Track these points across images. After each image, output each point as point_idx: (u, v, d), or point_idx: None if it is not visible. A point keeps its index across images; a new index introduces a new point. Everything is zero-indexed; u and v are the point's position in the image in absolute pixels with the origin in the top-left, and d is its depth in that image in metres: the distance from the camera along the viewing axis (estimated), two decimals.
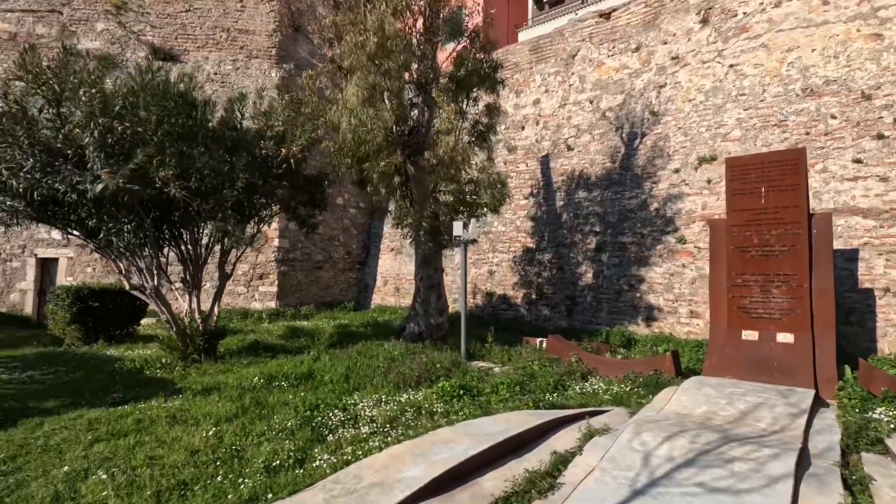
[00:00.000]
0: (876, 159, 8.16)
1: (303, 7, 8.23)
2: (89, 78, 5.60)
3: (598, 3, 17.75)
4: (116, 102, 5.69)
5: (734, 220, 6.90)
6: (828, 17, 9.18)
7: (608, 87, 12.10)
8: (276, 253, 13.71)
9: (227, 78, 14.27)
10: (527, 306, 12.19)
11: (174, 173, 5.51)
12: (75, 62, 5.78)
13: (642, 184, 10.89)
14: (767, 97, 9.53)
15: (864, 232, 8.05)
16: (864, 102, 8.46)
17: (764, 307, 6.54)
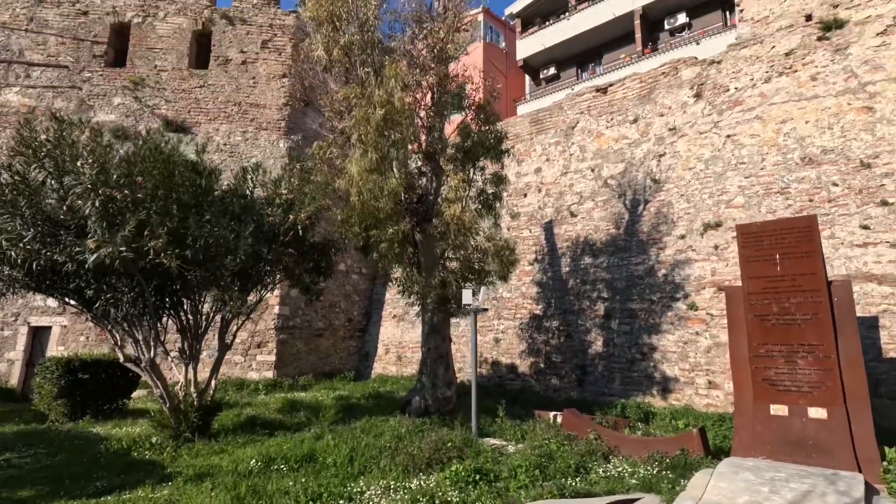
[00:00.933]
0: (884, 226, 8.15)
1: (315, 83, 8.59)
2: (87, 148, 5.63)
3: (592, 78, 18.74)
4: (116, 172, 5.67)
5: (750, 287, 6.73)
6: (817, 91, 9.57)
7: (608, 156, 12.40)
8: (276, 320, 13.39)
9: (235, 148, 14.66)
10: (535, 376, 11.72)
11: (166, 241, 5.41)
12: (70, 133, 5.84)
13: (648, 250, 10.85)
14: (767, 165, 9.72)
15: (882, 299, 7.87)
16: (864, 171, 8.60)
17: (791, 379, 6.21)
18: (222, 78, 15.23)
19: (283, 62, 15.37)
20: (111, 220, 5.54)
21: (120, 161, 5.58)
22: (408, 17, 7.98)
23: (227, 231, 5.92)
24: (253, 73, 15.33)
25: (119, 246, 5.13)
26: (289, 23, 15.66)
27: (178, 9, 15.57)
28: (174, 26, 15.45)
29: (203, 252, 5.90)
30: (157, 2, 15.64)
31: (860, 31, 9.34)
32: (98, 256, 5.18)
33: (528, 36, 21.84)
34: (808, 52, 9.87)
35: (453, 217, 6.93)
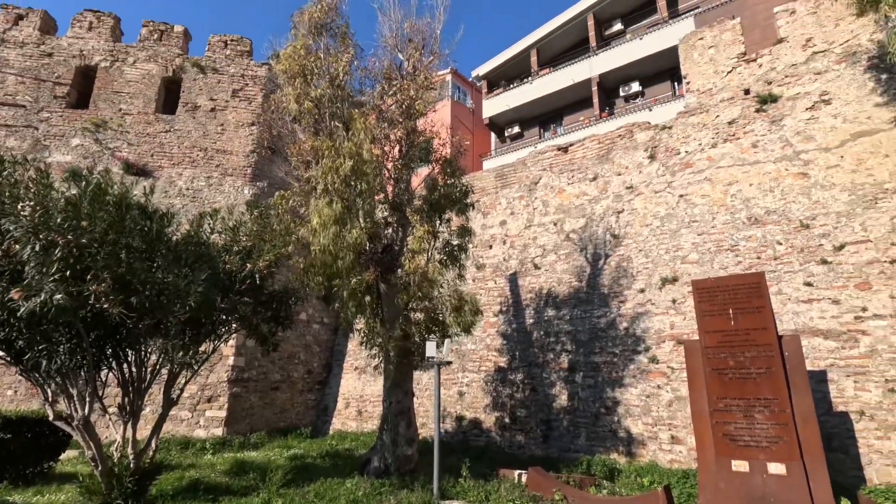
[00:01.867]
0: (825, 283, 8.64)
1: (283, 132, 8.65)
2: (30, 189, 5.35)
3: (554, 138, 19.71)
4: (60, 215, 5.38)
5: (707, 341, 6.90)
6: (758, 157, 10.34)
7: (570, 212, 12.84)
8: (229, 372, 12.69)
9: (198, 193, 14.39)
10: (500, 431, 11.41)
11: (111, 287, 5.11)
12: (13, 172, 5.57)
13: (610, 303, 11.06)
14: (717, 224, 10.27)
15: (828, 353, 8.20)
16: (804, 231, 9.19)
17: (750, 434, 6.27)
18: (189, 123, 15.16)
19: (253, 111, 15.49)
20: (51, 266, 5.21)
21: (66, 203, 5.32)
22: (378, 74, 8.27)
23: (179, 278, 5.66)
24: (221, 120, 15.35)
25: (53, 293, 4.79)
26: (261, 74, 15.94)
27: (149, 56, 15.64)
28: (143, 72, 15.45)
29: (150, 299, 5.59)
30: (127, 48, 15.69)
31: (792, 106, 10.27)
32: (29, 305, 4.82)
33: (494, 96, 22.96)
34: (748, 122, 10.74)
35: (417, 268, 6.91)
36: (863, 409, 7.59)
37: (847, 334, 8.11)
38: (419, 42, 8.33)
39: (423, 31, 8.36)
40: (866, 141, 9.16)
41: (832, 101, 9.83)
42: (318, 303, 15.39)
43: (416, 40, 8.40)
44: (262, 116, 14.85)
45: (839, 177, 9.21)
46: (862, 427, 7.54)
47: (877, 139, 9.05)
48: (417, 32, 8.40)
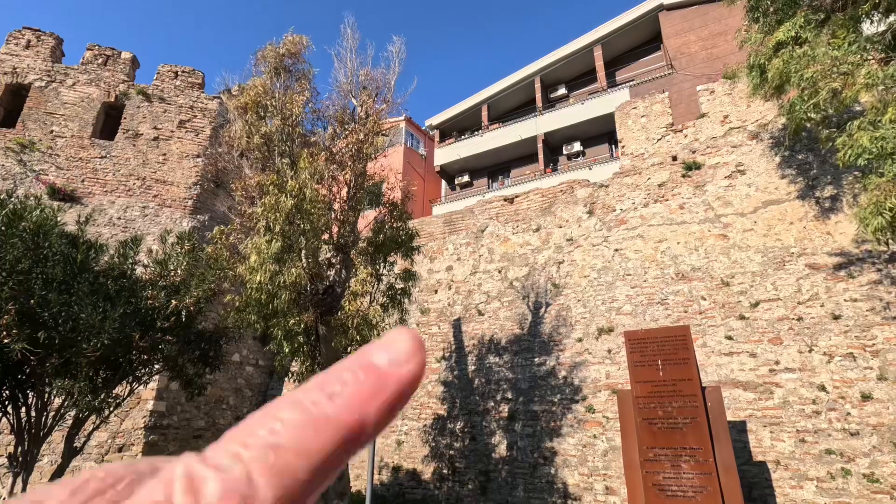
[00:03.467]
0: (743, 337, 9.27)
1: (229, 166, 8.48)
2: None
3: (501, 188, 20.49)
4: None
5: (638, 391, 7.15)
6: (685, 218, 11.21)
7: (514, 260, 13.20)
8: (147, 418, 11.64)
9: (131, 223, 13.63)
10: (438, 483, 11.05)
11: (15, 320, 4.69)
12: None
13: (550, 351, 11.28)
14: (649, 278, 10.89)
15: (747, 404, 8.70)
16: (724, 288, 9.92)
17: (677, 484, 6.45)
18: (129, 151, 14.53)
19: (200, 143, 15.11)
20: None
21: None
22: (331, 117, 8.38)
23: (95, 312, 5.26)
24: (165, 149, 14.83)
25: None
26: (211, 107, 15.70)
27: (91, 79, 15.06)
28: (82, 95, 14.81)
29: (61, 335, 5.14)
30: (68, 69, 15.06)
31: (713, 173, 11.32)
32: None
33: (446, 146, 23.74)
34: (675, 185, 11.69)
35: (358, 311, 6.80)
36: (778, 459, 8.02)
37: (763, 386, 8.67)
38: (373, 90, 8.58)
39: (377, 80, 8.64)
40: (775, 209, 10.18)
41: (746, 172, 10.93)
42: (253, 343, 14.65)
43: (370, 88, 8.65)
44: (209, 149, 14.52)
45: (753, 240, 10.12)
46: (778, 476, 7.95)
47: (783, 208, 10.09)
48: (372, 81, 8.67)
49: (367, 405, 0.25)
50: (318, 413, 0.24)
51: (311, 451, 0.23)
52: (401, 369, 0.26)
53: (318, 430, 0.24)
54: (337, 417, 0.24)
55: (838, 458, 7.65)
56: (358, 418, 0.24)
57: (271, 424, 0.24)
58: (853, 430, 7.72)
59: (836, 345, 8.43)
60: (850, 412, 7.86)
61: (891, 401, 7.66)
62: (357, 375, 0.26)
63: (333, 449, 0.24)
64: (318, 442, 0.23)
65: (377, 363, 0.26)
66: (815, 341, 8.61)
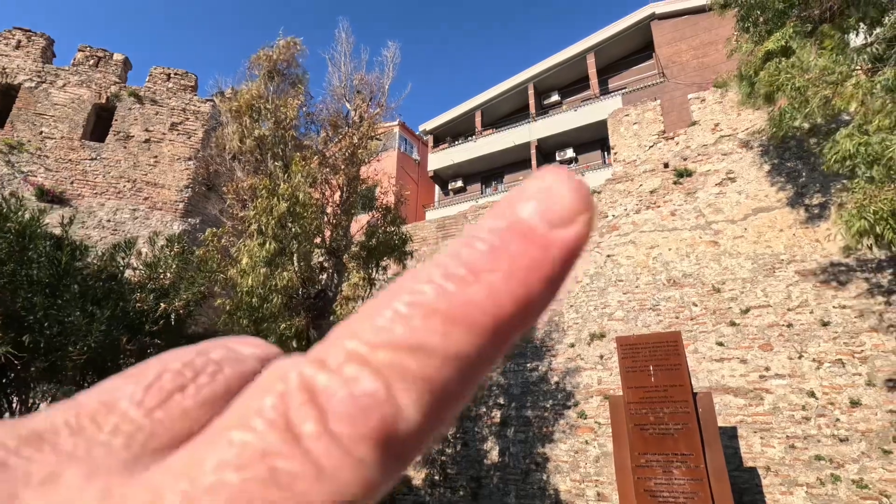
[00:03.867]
0: (734, 343, 9.33)
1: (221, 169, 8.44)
2: None
3: (495, 194, 20.54)
4: None
5: (630, 397, 7.16)
6: (676, 224, 11.29)
7: None
8: None
9: (121, 226, 13.49)
10: (429, 489, 10.98)
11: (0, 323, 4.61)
12: None
13: (542, 356, 11.27)
14: (641, 284, 10.94)
15: (738, 410, 8.74)
16: (716, 294, 9.99)
17: (668, 490, 6.45)
18: (119, 153, 14.41)
19: (192, 146, 15.02)
20: None
21: None
22: (324, 121, 8.38)
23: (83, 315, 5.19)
24: (156, 152, 14.72)
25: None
26: (204, 110, 15.62)
27: (82, 80, 14.95)
28: (73, 96, 14.69)
29: (47, 339, 5.06)
30: (58, 70, 14.94)
31: (704, 181, 11.43)
32: None
33: (439, 151, 23.80)
34: (667, 192, 11.78)
35: (350, 315, 6.75)
36: (768, 465, 8.06)
37: (753, 392, 8.72)
38: (367, 94, 8.59)
39: (371, 85, 8.65)
40: (765, 216, 10.29)
41: (736, 179, 11.04)
42: None
43: (364, 92, 8.66)
44: (201, 152, 14.43)
45: (744, 247, 10.21)
46: (768, 482, 7.98)
47: (773, 215, 10.20)
48: (366, 85, 8.68)
49: (529, 286, 0.18)
50: (468, 301, 0.18)
51: (463, 355, 0.17)
52: (565, 232, 0.19)
53: (470, 326, 0.17)
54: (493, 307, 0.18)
55: (828, 463, 7.70)
56: (519, 307, 0.18)
57: (409, 317, 0.18)
58: (842, 436, 7.78)
59: (826, 351, 8.51)
60: (840, 418, 7.93)
61: (879, 407, 7.73)
62: (508, 243, 0.19)
63: (487, 350, 0.18)
64: (471, 341, 0.17)
65: (531, 222, 0.19)
66: (804, 348, 8.68)
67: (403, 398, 0.16)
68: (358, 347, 0.17)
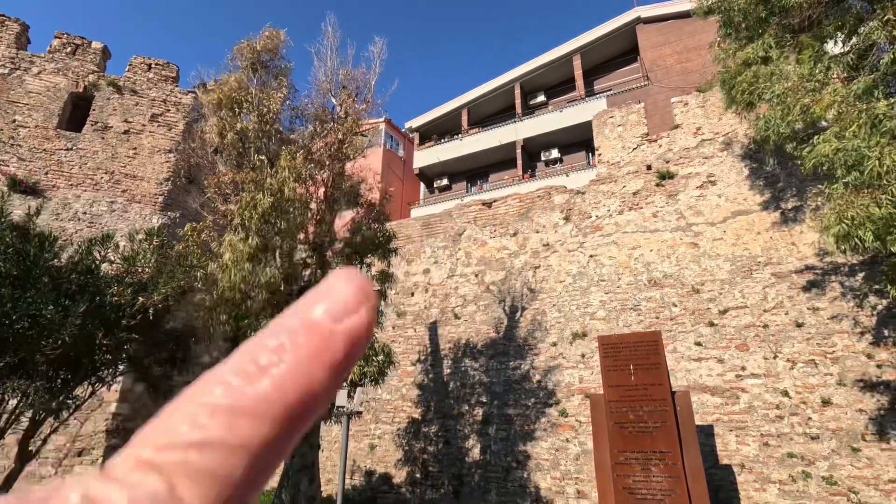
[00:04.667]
0: (712, 343, 9.51)
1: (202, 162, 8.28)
2: None
3: (479, 193, 20.57)
4: None
5: (610, 395, 7.25)
6: (658, 226, 11.45)
7: (491, 264, 13.25)
8: (108, 421, 11.20)
9: (98, 219, 13.15)
10: (410, 487, 10.96)
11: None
12: None
13: (525, 355, 11.34)
14: (623, 284, 11.08)
15: (714, 409, 8.92)
16: (695, 295, 10.16)
17: (647, 487, 6.54)
18: (97, 144, 14.03)
19: (173, 138, 14.71)
20: None
21: None
22: (310, 116, 8.28)
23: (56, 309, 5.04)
24: (136, 143, 14.38)
25: None
26: (185, 101, 15.30)
27: (59, 68, 14.52)
28: (48, 84, 14.26)
29: (16, 332, 4.90)
30: (33, 57, 14.48)
31: (685, 183, 11.61)
32: None
33: (426, 149, 23.74)
34: (649, 194, 11.94)
35: None
36: (743, 462, 8.24)
37: (729, 391, 8.91)
38: (353, 89, 8.51)
39: (357, 80, 8.57)
40: (743, 219, 10.50)
41: (717, 183, 11.24)
42: (224, 345, 14.26)
43: (350, 87, 8.58)
44: (182, 145, 14.14)
45: (723, 248, 10.41)
46: (743, 479, 8.16)
47: (751, 218, 10.41)
48: (352, 80, 8.60)
49: (312, 375, 0.20)
50: (254, 394, 0.19)
51: (249, 444, 0.18)
52: (347, 323, 0.21)
53: (255, 417, 0.19)
54: (277, 396, 0.19)
55: (799, 461, 7.90)
56: (303, 394, 0.19)
57: (195, 416, 0.19)
58: (814, 434, 8.00)
59: (799, 351, 8.73)
60: (811, 417, 8.14)
61: (849, 406, 7.96)
62: (295, 338, 0.20)
63: (276, 436, 0.19)
64: (257, 430, 0.18)
65: (318, 319, 0.21)
66: (779, 348, 8.90)
67: (187, 493, 0.17)
68: (145, 453, 0.18)
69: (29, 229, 5.65)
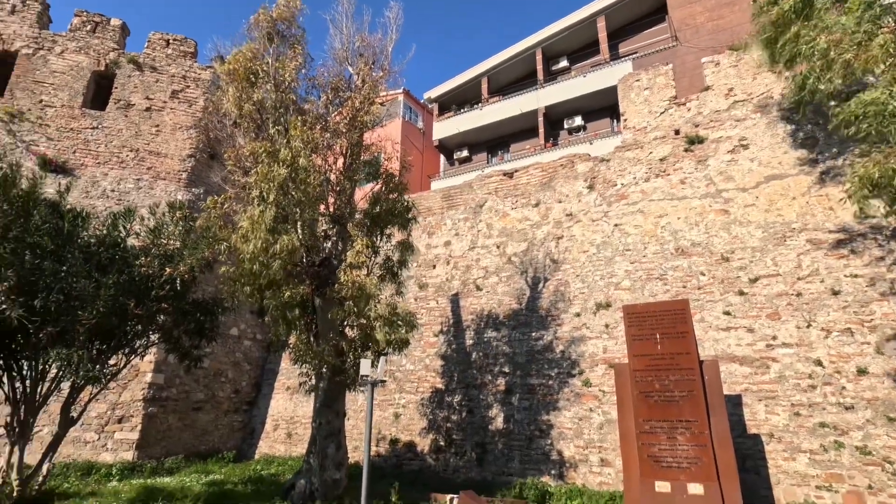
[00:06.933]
0: (741, 312, 9.25)
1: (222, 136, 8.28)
2: None
3: (500, 163, 20.22)
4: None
5: (635, 364, 7.15)
6: (686, 193, 11.06)
7: (513, 235, 13.10)
8: (145, 390, 11.69)
9: (125, 196, 13.43)
10: (434, 455, 11.19)
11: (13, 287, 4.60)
12: None
13: (547, 326, 11.27)
14: (648, 253, 10.81)
15: (743, 378, 8.73)
16: (724, 263, 9.85)
17: (672, 455, 6.49)
18: (121, 122, 14.22)
19: (194, 114, 14.79)
20: None
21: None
22: (325, 84, 8.15)
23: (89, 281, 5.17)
24: (158, 120, 14.52)
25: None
26: (204, 77, 15.31)
27: (80, 47, 14.64)
28: (71, 63, 14.42)
29: (56, 303, 5.06)
30: (55, 36, 14.61)
31: (716, 148, 11.13)
32: None
33: (445, 120, 23.36)
34: (677, 160, 11.50)
35: (354, 282, 6.72)
36: (772, 432, 8.09)
37: (759, 361, 8.69)
38: (369, 57, 8.32)
39: (374, 47, 8.36)
40: (777, 184, 10.04)
41: (749, 146, 10.74)
42: (251, 318, 14.64)
43: (367, 55, 8.39)
44: (202, 119, 14.20)
45: (754, 215, 10.01)
46: (771, 449, 8.03)
47: (786, 183, 9.95)
48: (368, 48, 8.39)
49: None
50: None
51: None
52: None
53: None
54: None
55: (832, 430, 7.71)
56: None
57: None
58: (848, 404, 7.77)
59: (835, 320, 8.42)
60: (846, 386, 7.90)
61: (886, 375, 7.68)
62: None
63: None
64: None
65: None
66: (813, 317, 8.60)
67: None
68: None
69: (61, 206, 5.78)
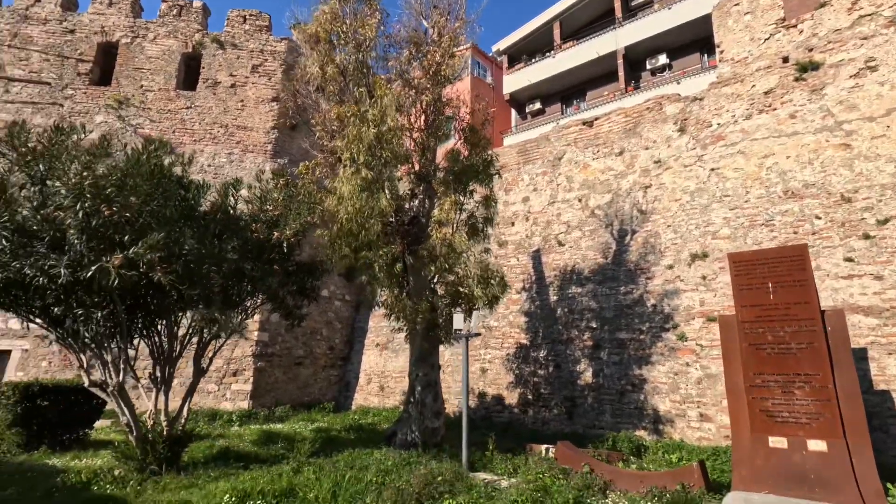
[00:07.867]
0: (867, 258, 8.28)
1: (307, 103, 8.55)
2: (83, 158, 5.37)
3: (576, 113, 19.22)
4: (107, 185, 5.41)
5: (744, 315, 6.67)
6: (797, 128, 9.89)
7: (595, 187, 12.53)
8: (253, 347, 12.85)
9: (220, 170, 14.42)
10: (523, 408, 11.38)
11: (160, 256, 5.11)
12: (67, 139, 5.59)
13: (637, 279, 10.82)
14: (751, 198, 9.90)
15: (869, 330, 7.91)
16: (845, 205, 8.80)
17: (789, 410, 6.08)
18: (210, 100, 15.11)
19: (273, 86, 15.37)
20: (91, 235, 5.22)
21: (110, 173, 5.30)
22: (403, 41, 8.04)
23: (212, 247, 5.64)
24: (241, 96, 15.26)
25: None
26: (280, 49, 15.76)
27: (169, 31, 15.56)
28: (163, 48, 15.40)
29: (189, 269, 5.60)
30: (147, 24, 15.63)
31: (835, 73, 9.76)
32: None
33: (515, 72, 22.44)
34: (786, 92, 10.25)
35: (444, 240, 6.78)
36: None
37: (890, 311, 7.80)
38: (444, 7, 8.06)
39: None
40: None
41: (878, 68, 9.30)
42: (339, 280, 15.44)
43: (441, 6, 8.13)
44: (287, 87, 14.68)
45: (885, 147, 8.76)
46: None
47: None
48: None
49: None
50: None
51: None
52: None
53: None
54: None
55: None
56: None
57: None
58: None
59: None
60: None
61: None
62: None
63: None
64: None
65: None
66: None
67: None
68: None
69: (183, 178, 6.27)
